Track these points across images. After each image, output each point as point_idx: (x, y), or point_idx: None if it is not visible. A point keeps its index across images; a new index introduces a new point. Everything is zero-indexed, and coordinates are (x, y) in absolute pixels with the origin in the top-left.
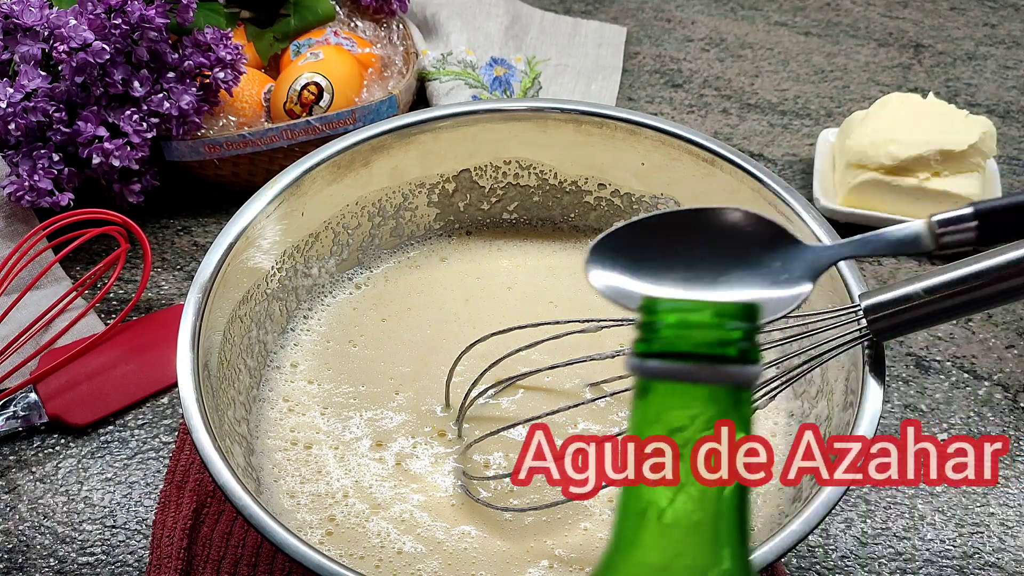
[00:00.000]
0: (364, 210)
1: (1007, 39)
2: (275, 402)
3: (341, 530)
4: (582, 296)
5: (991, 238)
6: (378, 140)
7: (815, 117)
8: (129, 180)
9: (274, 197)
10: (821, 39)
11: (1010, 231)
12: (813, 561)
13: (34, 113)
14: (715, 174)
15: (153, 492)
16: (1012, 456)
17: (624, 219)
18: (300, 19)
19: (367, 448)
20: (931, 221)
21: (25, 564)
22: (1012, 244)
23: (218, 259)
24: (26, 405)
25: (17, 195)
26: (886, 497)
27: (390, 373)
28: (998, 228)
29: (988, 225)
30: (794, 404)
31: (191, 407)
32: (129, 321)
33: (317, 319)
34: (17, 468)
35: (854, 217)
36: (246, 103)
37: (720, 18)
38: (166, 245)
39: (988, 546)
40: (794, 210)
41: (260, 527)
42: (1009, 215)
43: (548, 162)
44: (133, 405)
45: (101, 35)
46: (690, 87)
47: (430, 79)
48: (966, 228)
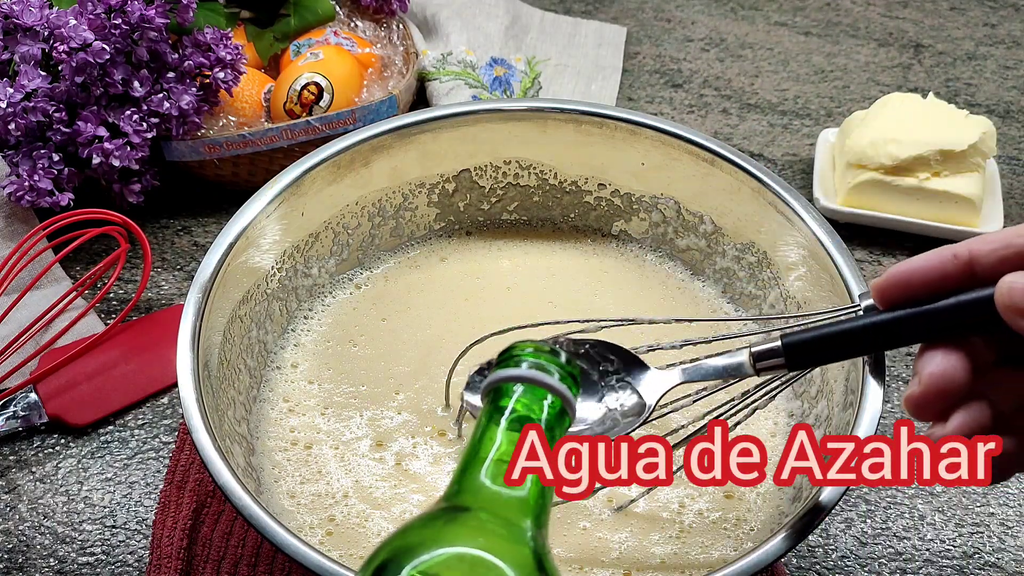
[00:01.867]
0: (364, 210)
1: (1007, 39)
2: (275, 402)
3: (341, 530)
4: (582, 296)
5: (799, 365)
6: (378, 140)
7: (815, 117)
8: (129, 180)
9: (274, 197)
10: (821, 39)
11: (815, 359)
12: (813, 561)
13: (34, 113)
14: (715, 174)
15: (153, 492)
16: None
17: (624, 219)
18: (300, 19)
19: (367, 448)
20: (750, 352)
21: (25, 564)
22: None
23: (218, 259)
24: (26, 405)
25: (17, 195)
26: (886, 497)
27: (390, 373)
28: (804, 357)
29: (794, 355)
30: (794, 404)
31: (191, 407)
32: (129, 321)
33: (317, 319)
34: (17, 468)
35: (854, 217)
36: (246, 103)
37: (720, 18)
38: (166, 245)
39: (988, 546)
40: (794, 210)
41: (260, 527)
42: (812, 346)
43: (548, 162)
44: (133, 405)
45: (101, 35)
46: (690, 87)
47: (430, 79)
48: (776, 359)
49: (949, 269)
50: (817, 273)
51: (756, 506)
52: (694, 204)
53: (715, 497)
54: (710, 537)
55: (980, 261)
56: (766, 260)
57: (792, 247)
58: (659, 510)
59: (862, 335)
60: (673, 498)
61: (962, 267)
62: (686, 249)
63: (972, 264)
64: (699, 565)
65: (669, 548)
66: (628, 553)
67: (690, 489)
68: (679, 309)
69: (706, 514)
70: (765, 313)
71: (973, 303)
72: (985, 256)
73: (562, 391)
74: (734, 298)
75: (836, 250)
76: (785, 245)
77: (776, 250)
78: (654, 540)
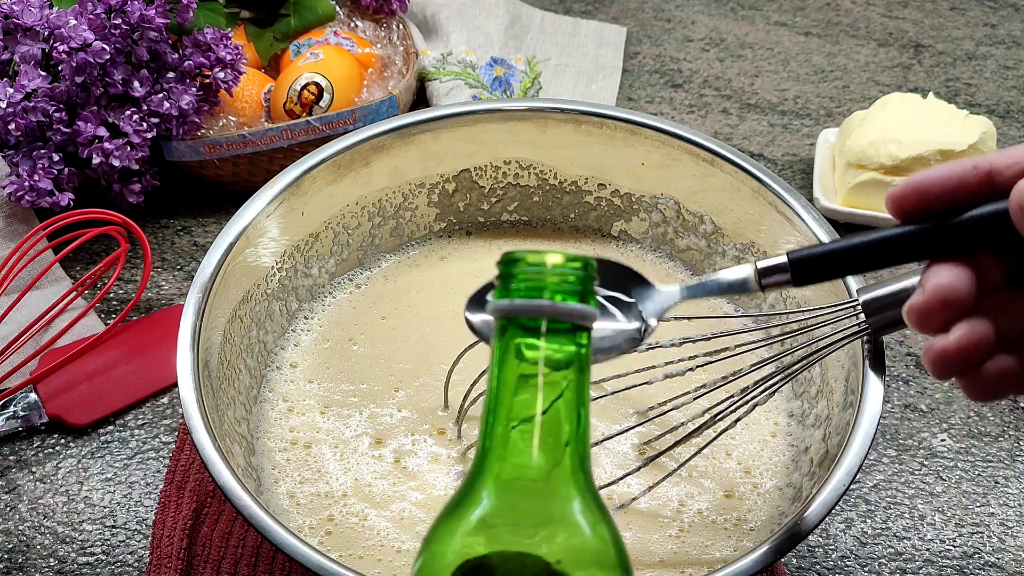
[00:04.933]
0: (364, 210)
1: (1007, 39)
2: (275, 402)
3: (340, 530)
4: None
5: (804, 280)
6: (378, 140)
7: (815, 117)
8: (129, 180)
9: (274, 197)
10: (821, 39)
11: (820, 274)
12: (813, 561)
13: (34, 113)
14: (715, 174)
15: (153, 492)
16: (1012, 456)
17: (624, 219)
18: (300, 19)
19: (367, 446)
20: (756, 268)
21: (25, 564)
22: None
23: (218, 259)
24: (26, 405)
25: (17, 195)
26: (886, 497)
27: (390, 370)
28: (811, 272)
29: (800, 269)
30: (794, 404)
31: (191, 407)
32: (129, 321)
33: (317, 319)
34: (17, 468)
35: (854, 217)
36: (246, 103)
37: (720, 18)
38: (166, 245)
39: (988, 546)
40: (794, 210)
41: (260, 527)
42: (818, 261)
43: (548, 162)
44: (133, 405)
45: (101, 35)
46: (690, 87)
47: (430, 79)
48: (782, 275)
49: (968, 179)
50: None
51: (756, 506)
52: (694, 204)
53: (715, 497)
54: (710, 537)
55: (1001, 174)
56: None
57: (792, 247)
58: (659, 509)
59: (870, 249)
60: (673, 497)
61: (982, 178)
62: (686, 249)
63: (992, 176)
64: (699, 564)
65: (669, 547)
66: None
67: (690, 488)
68: (679, 308)
69: (706, 514)
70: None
71: (988, 216)
72: (1005, 168)
73: (590, 320)
74: (734, 298)
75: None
76: (785, 245)
77: (776, 250)
78: (654, 539)
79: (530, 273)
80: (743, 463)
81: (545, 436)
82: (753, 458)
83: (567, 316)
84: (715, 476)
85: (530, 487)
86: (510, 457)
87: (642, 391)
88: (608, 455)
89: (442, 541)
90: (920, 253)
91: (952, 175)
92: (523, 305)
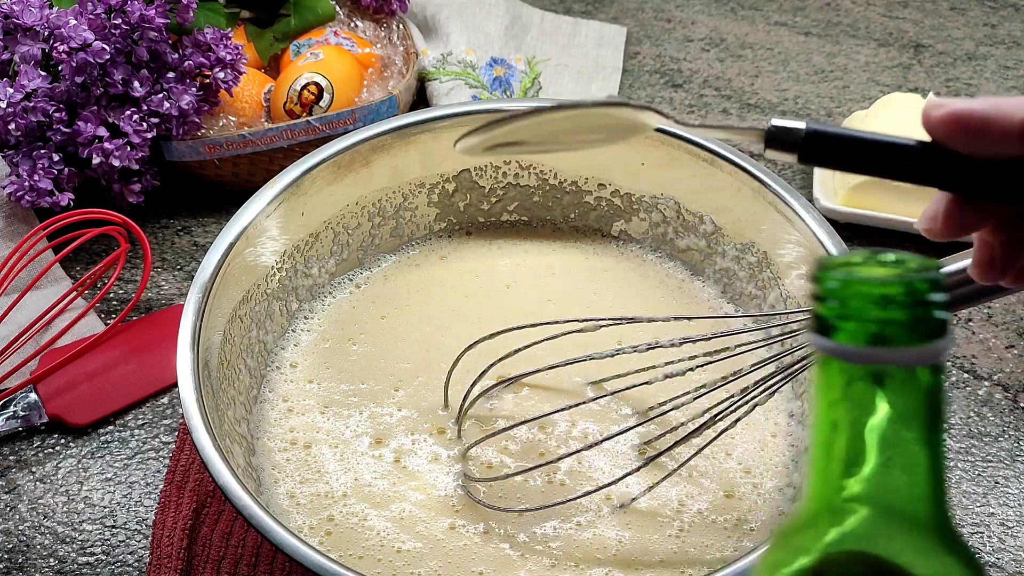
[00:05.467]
0: (364, 210)
1: (1007, 39)
2: (275, 402)
3: (340, 530)
4: (581, 295)
5: (812, 159)
6: (378, 140)
7: (815, 117)
8: (129, 180)
9: (274, 197)
10: (821, 39)
11: (834, 159)
12: None
13: (34, 113)
14: (715, 174)
15: (153, 492)
16: (1012, 456)
17: (624, 219)
18: (300, 19)
19: (366, 446)
20: (770, 126)
21: (25, 564)
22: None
23: (218, 259)
24: (26, 405)
25: (17, 195)
26: None
27: (390, 370)
28: (823, 152)
29: (813, 145)
30: (794, 404)
31: (191, 407)
32: (129, 321)
33: (317, 319)
34: (17, 468)
35: (854, 217)
36: (246, 103)
37: (720, 18)
38: (166, 245)
39: (988, 546)
40: (794, 210)
41: (260, 527)
42: (836, 142)
43: (548, 162)
44: (133, 405)
45: (101, 35)
46: (690, 87)
47: (430, 79)
48: (793, 143)
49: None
50: None
51: (756, 506)
52: (694, 204)
53: (715, 497)
54: (710, 537)
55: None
56: (766, 260)
57: (792, 247)
58: (659, 509)
59: (888, 153)
60: (673, 497)
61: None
62: (686, 249)
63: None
64: (699, 564)
65: (669, 547)
66: (627, 551)
67: (690, 488)
68: (679, 309)
69: (706, 514)
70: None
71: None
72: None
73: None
74: (734, 298)
75: (836, 250)
76: (785, 244)
77: (776, 250)
78: (654, 539)
79: (863, 308)
80: (743, 463)
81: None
82: (753, 458)
83: (919, 363)
84: (715, 476)
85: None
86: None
87: (642, 391)
88: (608, 455)
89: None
90: (943, 177)
91: (999, 116)
92: (859, 355)
